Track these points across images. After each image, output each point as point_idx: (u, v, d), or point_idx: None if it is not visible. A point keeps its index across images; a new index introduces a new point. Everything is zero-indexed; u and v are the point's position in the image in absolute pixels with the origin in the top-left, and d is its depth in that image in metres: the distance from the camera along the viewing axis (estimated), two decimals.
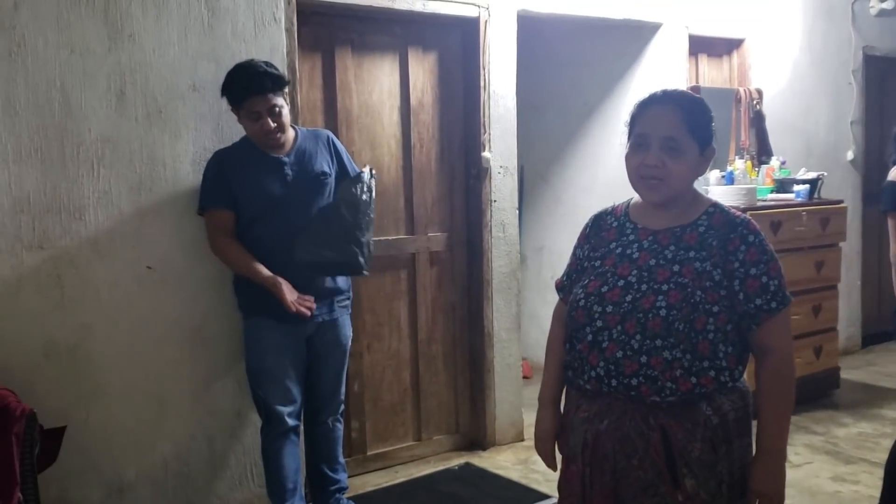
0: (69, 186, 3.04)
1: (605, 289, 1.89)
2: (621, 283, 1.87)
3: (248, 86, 2.95)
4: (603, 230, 2.02)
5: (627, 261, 1.90)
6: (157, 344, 3.24)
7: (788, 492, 3.67)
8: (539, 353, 5.52)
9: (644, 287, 1.84)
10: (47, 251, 3.01)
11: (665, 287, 1.82)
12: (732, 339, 1.84)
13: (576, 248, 2.08)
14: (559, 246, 5.57)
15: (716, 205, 1.93)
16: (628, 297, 1.84)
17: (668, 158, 1.85)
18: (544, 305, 5.59)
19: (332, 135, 3.31)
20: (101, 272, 3.12)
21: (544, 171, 5.45)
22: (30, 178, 2.96)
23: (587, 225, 2.09)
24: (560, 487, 2.01)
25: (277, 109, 3.00)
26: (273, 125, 3.00)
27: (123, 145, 3.13)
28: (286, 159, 3.10)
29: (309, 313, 3.04)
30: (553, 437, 2.05)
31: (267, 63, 3.05)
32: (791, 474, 3.78)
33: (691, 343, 1.79)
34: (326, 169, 3.18)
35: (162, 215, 3.22)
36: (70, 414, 3.01)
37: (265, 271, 3.04)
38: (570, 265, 2.09)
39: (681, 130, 1.85)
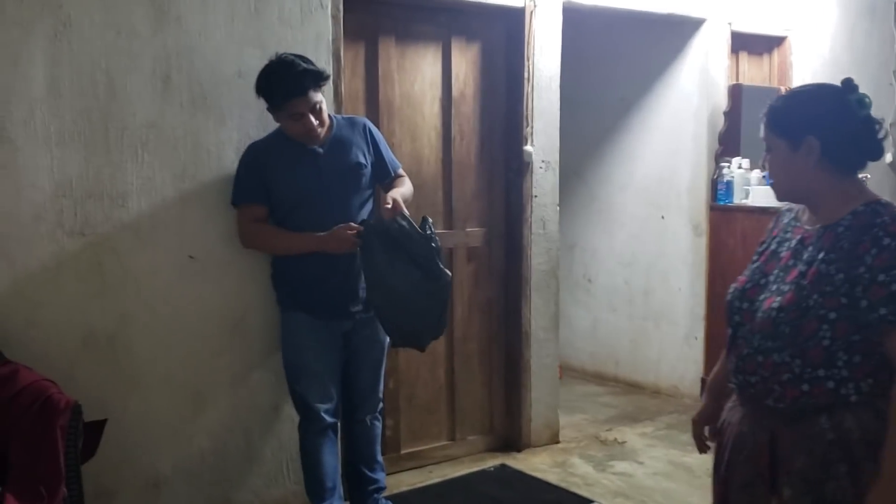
0: (112, 172, 2.96)
1: (748, 285, 1.90)
2: (763, 281, 1.87)
3: (291, 89, 2.85)
4: (778, 225, 1.99)
5: (775, 259, 1.89)
6: (195, 335, 3.16)
7: None
8: (570, 353, 5.51)
9: (774, 287, 1.83)
10: (88, 237, 2.93)
11: (786, 288, 1.79)
12: (862, 350, 1.71)
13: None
14: (592, 244, 5.49)
15: (871, 203, 1.78)
16: (761, 296, 1.84)
17: (768, 160, 1.89)
18: (575, 305, 5.51)
19: (369, 122, 3.22)
20: (142, 260, 3.04)
21: (578, 167, 5.35)
22: (72, 163, 2.88)
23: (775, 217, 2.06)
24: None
25: (318, 106, 2.92)
26: (316, 122, 2.91)
27: (168, 131, 3.05)
28: (320, 150, 3.01)
29: (355, 239, 2.91)
30: (700, 423, 2.15)
31: (302, 58, 2.93)
32: None
33: (799, 348, 1.73)
34: (362, 160, 3.09)
35: (205, 204, 3.14)
36: (108, 405, 2.92)
37: (304, 238, 2.96)
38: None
39: (766, 130, 1.87)
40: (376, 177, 3.14)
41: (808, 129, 1.79)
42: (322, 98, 2.94)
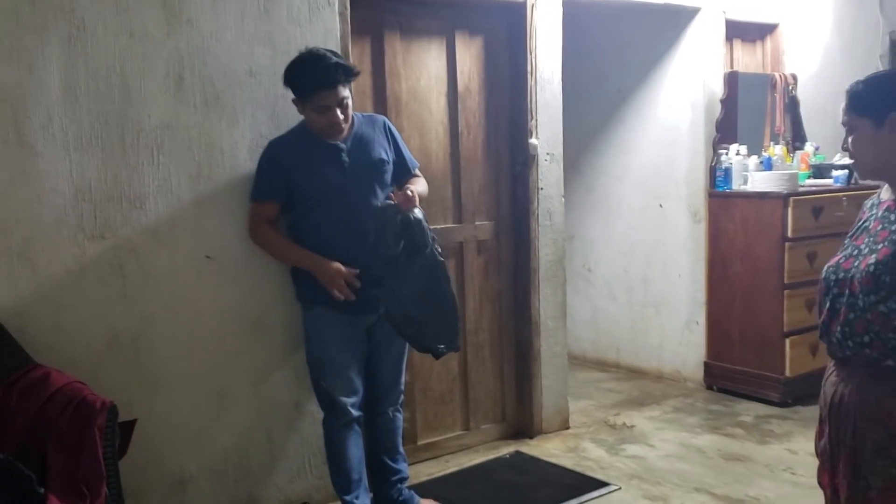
0: (129, 174, 2.98)
1: (842, 259, 2.04)
2: (855, 251, 2.01)
3: (321, 80, 2.87)
4: (862, 211, 2.14)
5: (865, 232, 2.04)
6: (216, 335, 3.19)
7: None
8: (571, 341, 5.53)
9: (867, 250, 1.98)
10: (109, 241, 2.95)
11: (879, 246, 1.94)
12: None
13: None
14: (590, 235, 5.55)
15: None
16: (856, 263, 1.98)
17: (851, 140, 2.05)
18: (575, 294, 5.56)
19: (388, 121, 3.26)
20: (162, 262, 3.06)
21: (575, 159, 5.39)
22: (91, 166, 2.90)
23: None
24: (815, 446, 2.16)
25: (346, 101, 2.95)
26: (341, 117, 2.94)
27: (182, 132, 3.07)
28: (343, 146, 3.04)
29: (352, 295, 2.98)
30: None
31: (334, 52, 3.00)
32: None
33: None
34: (384, 156, 3.13)
35: (220, 203, 3.16)
36: (133, 406, 2.93)
37: (306, 255, 3.01)
38: None
39: (849, 113, 2.03)
40: (396, 175, 3.18)
41: (891, 106, 1.96)
42: (349, 94, 2.97)
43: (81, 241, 2.90)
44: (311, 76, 2.89)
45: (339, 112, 2.93)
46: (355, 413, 3.11)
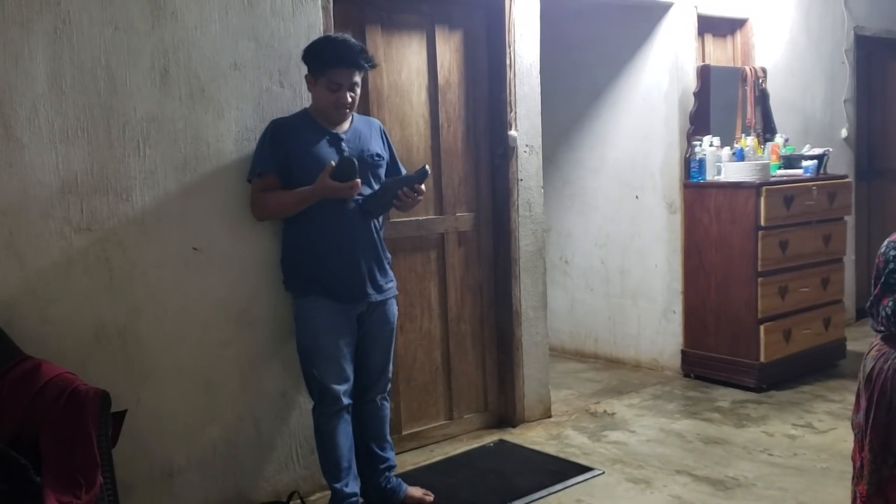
0: (115, 167, 2.98)
1: None
2: None
3: (344, 57, 2.98)
4: None
5: None
6: (203, 326, 3.20)
7: (820, 456, 3.76)
8: (549, 332, 5.57)
9: None
10: (95, 233, 2.95)
11: None
12: None
13: None
14: (567, 227, 5.62)
15: None
16: None
17: None
18: (553, 286, 5.62)
19: (383, 126, 3.36)
20: (149, 254, 3.07)
21: (551, 152, 5.45)
22: (77, 159, 2.90)
23: None
24: (851, 419, 2.15)
25: (356, 88, 3.06)
26: (349, 100, 3.04)
27: (168, 124, 3.08)
28: (344, 136, 3.11)
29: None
30: None
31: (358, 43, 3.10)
32: (819, 440, 3.90)
33: None
34: (381, 152, 3.21)
35: (206, 195, 3.18)
36: (121, 398, 2.93)
37: (303, 190, 3.02)
38: None
39: None
40: (385, 175, 3.24)
41: None
42: (359, 82, 3.06)
43: (68, 234, 2.90)
44: (336, 51, 3.00)
45: (348, 94, 3.02)
46: (346, 401, 3.14)
